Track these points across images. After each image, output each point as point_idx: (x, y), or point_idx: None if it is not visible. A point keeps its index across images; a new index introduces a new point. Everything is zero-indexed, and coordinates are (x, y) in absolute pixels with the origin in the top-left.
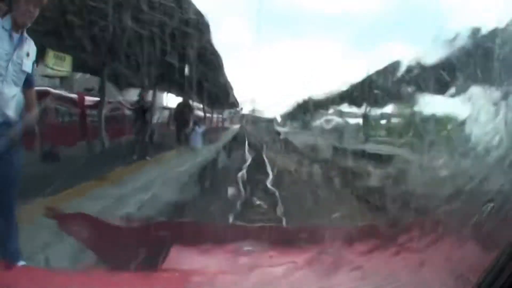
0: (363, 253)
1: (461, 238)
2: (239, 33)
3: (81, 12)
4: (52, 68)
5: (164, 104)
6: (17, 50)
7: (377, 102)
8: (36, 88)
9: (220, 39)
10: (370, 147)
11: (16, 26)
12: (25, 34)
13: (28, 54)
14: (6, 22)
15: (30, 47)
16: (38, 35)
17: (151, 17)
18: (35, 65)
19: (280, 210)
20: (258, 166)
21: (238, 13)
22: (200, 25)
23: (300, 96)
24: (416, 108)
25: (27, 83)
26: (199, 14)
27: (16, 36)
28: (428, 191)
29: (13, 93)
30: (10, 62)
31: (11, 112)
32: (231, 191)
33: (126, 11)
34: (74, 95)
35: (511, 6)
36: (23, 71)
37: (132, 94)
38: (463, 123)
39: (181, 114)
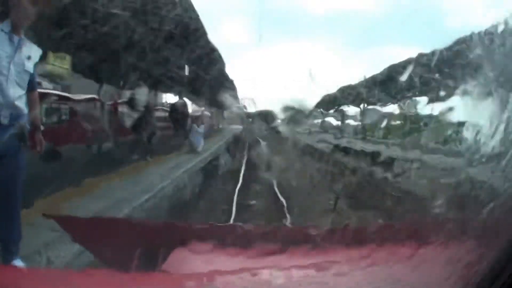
0: (363, 253)
1: (461, 238)
2: (240, 33)
3: (80, 14)
4: (52, 65)
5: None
6: (18, 52)
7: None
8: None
9: (220, 39)
10: None
11: (15, 29)
12: (23, 36)
13: (29, 57)
14: (5, 25)
15: (31, 49)
16: (38, 36)
17: (150, 18)
18: (36, 67)
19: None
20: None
21: (238, 13)
22: (199, 26)
23: (300, 96)
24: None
25: (30, 85)
26: (197, 15)
27: (16, 38)
28: None
29: (18, 94)
30: (11, 63)
31: (17, 112)
32: None
33: (124, 11)
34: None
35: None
36: (26, 72)
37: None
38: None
39: (177, 114)
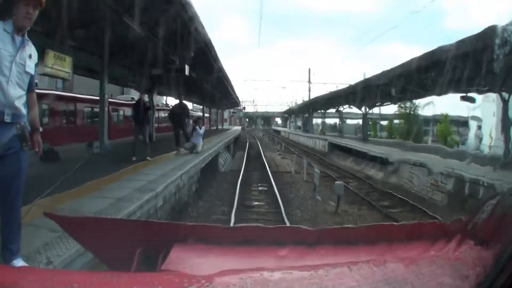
0: (362, 253)
1: (461, 238)
2: (240, 33)
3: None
4: (51, 68)
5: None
6: (20, 51)
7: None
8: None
9: (220, 39)
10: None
11: (17, 29)
12: (26, 37)
13: (30, 56)
14: (7, 25)
15: (32, 49)
16: (38, 36)
17: (150, 20)
18: (37, 67)
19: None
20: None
21: (239, 13)
22: (199, 27)
23: (299, 96)
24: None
25: (29, 85)
26: (197, 17)
27: (18, 38)
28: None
29: (18, 93)
30: (13, 63)
31: (18, 112)
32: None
33: (126, 14)
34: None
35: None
36: (27, 72)
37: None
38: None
39: (177, 115)
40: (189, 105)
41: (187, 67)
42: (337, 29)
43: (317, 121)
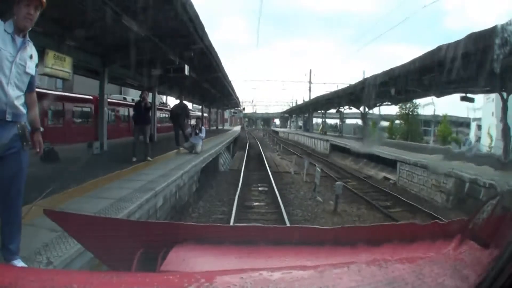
0: (362, 253)
1: (461, 238)
2: (239, 33)
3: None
4: (51, 68)
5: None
6: (20, 52)
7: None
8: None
9: (220, 39)
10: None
11: (18, 30)
12: (28, 38)
13: (31, 57)
14: (8, 25)
15: (32, 50)
16: (38, 36)
17: (150, 20)
18: (37, 67)
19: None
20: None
21: (238, 13)
22: (199, 27)
23: (300, 96)
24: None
25: (29, 86)
26: (198, 17)
27: (18, 39)
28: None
29: (17, 94)
30: (13, 63)
31: (18, 111)
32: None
33: (126, 13)
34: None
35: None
36: (27, 73)
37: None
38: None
39: (177, 115)
40: (189, 105)
41: (186, 67)
42: (337, 29)
43: (317, 121)
